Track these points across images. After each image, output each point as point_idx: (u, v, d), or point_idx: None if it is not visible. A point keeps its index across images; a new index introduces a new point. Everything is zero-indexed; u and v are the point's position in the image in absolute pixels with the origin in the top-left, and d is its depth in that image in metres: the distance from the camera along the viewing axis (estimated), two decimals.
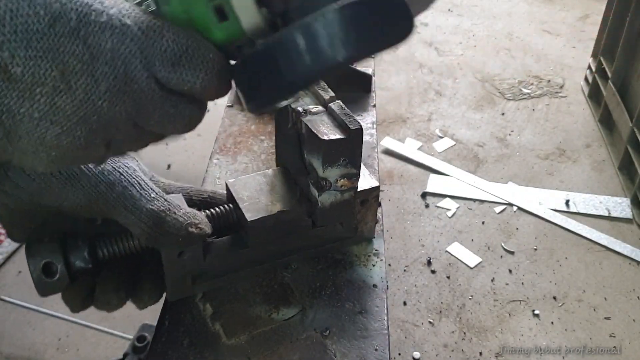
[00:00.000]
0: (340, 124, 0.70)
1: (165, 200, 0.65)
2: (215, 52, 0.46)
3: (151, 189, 0.66)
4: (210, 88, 0.46)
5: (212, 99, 0.49)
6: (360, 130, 0.69)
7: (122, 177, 0.65)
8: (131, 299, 0.70)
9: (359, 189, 0.75)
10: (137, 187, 0.65)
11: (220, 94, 0.48)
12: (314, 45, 0.44)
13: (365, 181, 0.77)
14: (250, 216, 0.72)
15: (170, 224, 0.64)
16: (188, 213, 0.65)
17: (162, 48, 0.44)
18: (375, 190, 0.76)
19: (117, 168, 0.65)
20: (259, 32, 0.48)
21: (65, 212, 0.64)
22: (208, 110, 0.52)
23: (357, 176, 0.73)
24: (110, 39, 0.42)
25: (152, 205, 0.64)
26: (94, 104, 0.43)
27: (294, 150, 0.75)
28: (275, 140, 0.85)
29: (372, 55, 0.49)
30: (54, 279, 0.62)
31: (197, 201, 0.75)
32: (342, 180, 0.72)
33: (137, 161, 0.69)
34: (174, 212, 0.64)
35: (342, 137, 0.68)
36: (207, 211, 0.73)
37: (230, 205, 0.74)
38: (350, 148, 0.70)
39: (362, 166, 0.76)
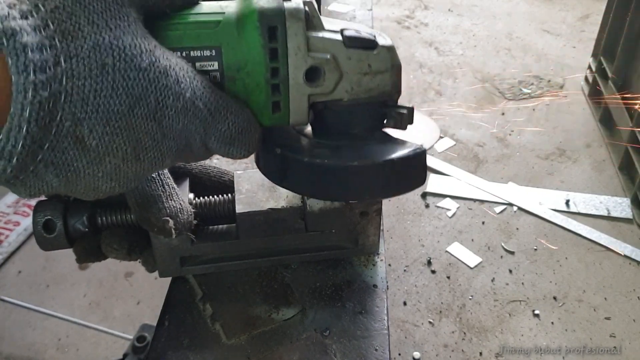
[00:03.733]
0: None
1: (164, 185, 0.66)
2: (260, 134, 0.52)
3: None
4: (244, 157, 0.53)
5: None
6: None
7: None
8: (140, 260, 0.73)
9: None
10: None
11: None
12: (343, 182, 0.54)
13: None
14: (240, 208, 0.72)
15: (154, 210, 0.64)
16: (175, 207, 0.66)
17: (222, 129, 0.49)
18: (376, 204, 0.75)
19: None
20: (298, 125, 0.55)
21: None
22: None
23: None
24: (182, 120, 0.46)
25: (147, 186, 0.65)
26: (155, 169, 0.47)
27: None
28: None
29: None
30: (52, 235, 0.67)
31: (216, 183, 0.77)
32: None
33: None
34: (163, 201, 0.65)
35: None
36: (208, 198, 0.73)
37: (230, 196, 0.74)
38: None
39: None
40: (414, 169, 0.56)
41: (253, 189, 0.75)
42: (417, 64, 3.25)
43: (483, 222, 2.24)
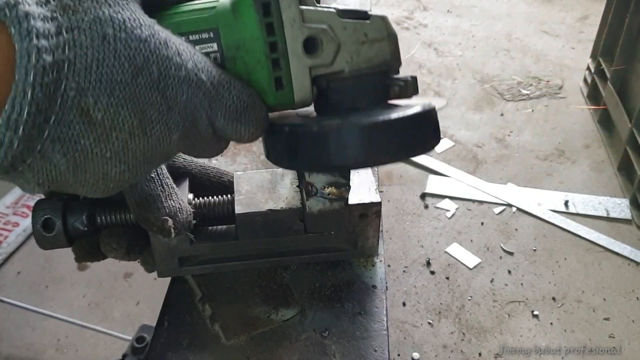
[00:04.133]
0: None
1: (163, 185, 0.66)
2: (266, 112, 0.52)
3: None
4: (253, 139, 0.52)
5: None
6: None
7: None
8: (139, 260, 0.73)
9: (357, 202, 0.74)
10: None
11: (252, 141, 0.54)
12: (358, 144, 0.51)
13: (367, 195, 0.75)
14: (239, 209, 0.72)
15: (153, 209, 0.64)
16: (174, 206, 0.66)
17: (227, 103, 0.49)
18: (375, 206, 0.75)
19: None
20: (305, 105, 0.55)
21: None
22: None
23: (346, 186, 0.73)
24: (186, 92, 0.46)
25: (146, 185, 0.65)
26: (163, 148, 0.47)
27: None
28: None
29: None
30: (51, 234, 0.67)
31: (215, 183, 0.77)
32: (329, 188, 0.72)
33: None
34: (162, 200, 0.65)
35: None
36: (208, 198, 0.73)
37: (230, 197, 0.75)
38: None
39: (371, 178, 0.77)
40: (427, 125, 0.55)
41: (252, 189, 0.75)
42: (416, 64, 3.25)
43: (482, 223, 2.24)
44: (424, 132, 0.54)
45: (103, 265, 2.04)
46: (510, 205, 2.31)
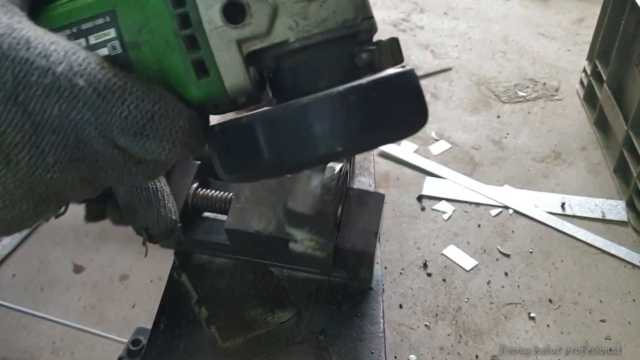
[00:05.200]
0: (321, 195, 0.65)
1: (142, 193, 0.63)
2: (186, 117, 0.40)
3: None
4: (177, 157, 0.40)
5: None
6: (329, 217, 0.65)
7: None
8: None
9: (352, 248, 0.69)
10: None
11: (190, 157, 0.43)
12: (308, 132, 0.38)
13: (362, 240, 0.70)
14: (228, 223, 0.70)
15: (132, 218, 0.62)
16: (153, 216, 0.63)
17: (122, 115, 0.37)
18: (370, 244, 0.70)
19: None
20: (243, 92, 0.42)
21: None
22: None
23: (326, 246, 0.68)
24: (57, 104, 0.36)
25: (126, 193, 0.62)
26: (40, 177, 0.37)
27: None
28: None
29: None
30: None
31: None
32: (308, 242, 0.68)
33: None
34: (138, 210, 0.62)
35: (306, 212, 0.64)
36: (209, 191, 0.73)
37: (230, 195, 0.73)
38: (318, 224, 0.66)
39: (376, 220, 0.70)
40: (401, 96, 0.41)
41: (252, 197, 0.72)
42: (413, 66, 3.25)
43: (479, 225, 2.24)
44: (393, 105, 0.40)
45: (99, 268, 2.03)
46: (506, 207, 2.32)
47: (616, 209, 2.30)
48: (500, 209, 2.31)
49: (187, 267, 0.79)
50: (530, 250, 2.14)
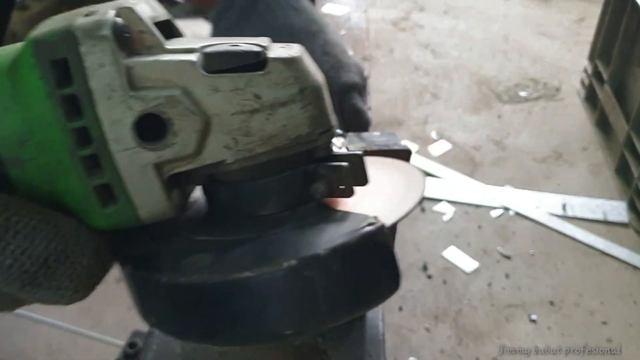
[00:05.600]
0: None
1: None
2: (92, 253, 0.32)
3: None
4: (78, 300, 0.33)
5: None
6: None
7: None
8: None
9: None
10: None
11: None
12: (251, 309, 0.30)
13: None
14: None
15: None
16: None
17: (4, 264, 0.28)
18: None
19: None
20: (162, 219, 0.34)
21: None
22: None
23: None
24: None
25: None
26: None
27: None
28: None
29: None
30: None
31: None
32: None
33: None
34: None
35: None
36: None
37: None
38: None
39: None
40: (375, 260, 0.32)
41: None
42: (413, 66, 3.25)
43: (479, 226, 2.23)
44: (359, 275, 0.32)
45: None
46: (507, 209, 2.30)
47: (617, 210, 2.29)
48: (501, 210, 2.30)
49: None
50: (531, 252, 2.13)
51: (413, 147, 2.63)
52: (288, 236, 0.32)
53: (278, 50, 0.33)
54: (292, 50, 0.33)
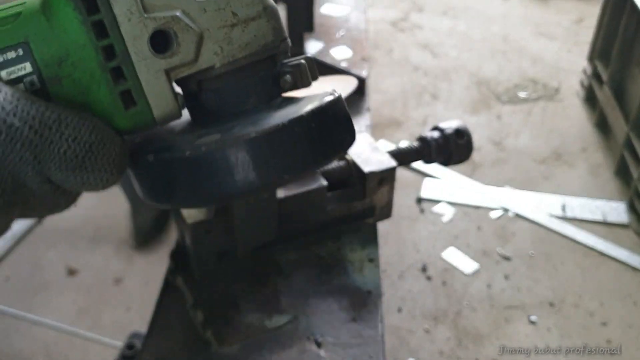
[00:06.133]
0: None
1: None
2: (120, 145, 0.39)
3: None
4: (110, 186, 0.39)
5: None
6: None
7: None
8: None
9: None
10: None
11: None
12: (256, 163, 0.40)
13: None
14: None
15: None
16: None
17: (61, 149, 0.36)
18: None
19: None
20: (171, 119, 0.43)
21: None
22: None
23: None
24: None
25: None
26: None
27: None
28: None
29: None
30: None
31: None
32: None
33: None
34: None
35: None
36: None
37: None
38: None
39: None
40: (334, 121, 0.44)
41: None
42: (412, 66, 3.25)
43: (479, 227, 2.23)
44: (330, 130, 0.44)
45: (93, 272, 2.02)
46: (507, 210, 2.30)
47: (617, 211, 2.29)
48: (500, 211, 2.30)
49: (183, 270, 0.78)
50: (531, 253, 2.12)
51: None
52: (273, 113, 0.43)
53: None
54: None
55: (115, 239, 2.09)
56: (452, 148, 0.88)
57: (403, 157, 0.85)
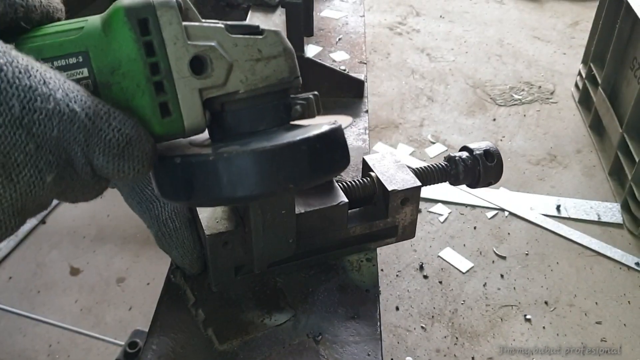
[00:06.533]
0: None
1: (162, 227, 0.70)
2: (153, 144, 0.46)
3: None
4: (140, 178, 0.47)
5: None
6: None
7: None
8: None
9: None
10: None
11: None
12: (269, 171, 0.48)
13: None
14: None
15: (165, 248, 0.73)
16: (176, 256, 0.73)
17: (106, 137, 0.42)
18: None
19: None
20: (197, 132, 0.50)
21: None
22: None
23: None
24: (57, 126, 0.39)
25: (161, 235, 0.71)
26: (35, 194, 0.39)
27: None
28: None
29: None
30: None
31: None
32: None
33: None
34: (169, 251, 0.72)
35: None
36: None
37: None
38: None
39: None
40: (333, 146, 0.52)
41: None
42: (409, 70, 3.26)
43: (475, 227, 2.25)
44: (330, 153, 0.52)
45: (95, 271, 2.03)
46: (502, 210, 2.32)
47: (611, 211, 2.31)
48: (496, 212, 2.31)
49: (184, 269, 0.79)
50: (526, 253, 2.14)
51: (409, 149, 2.65)
52: (284, 134, 0.51)
53: (265, 25, 0.52)
54: (276, 25, 0.53)
55: (118, 238, 2.11)
56: (480, 170, 0.86)
57: (428, 177, 0.83)
